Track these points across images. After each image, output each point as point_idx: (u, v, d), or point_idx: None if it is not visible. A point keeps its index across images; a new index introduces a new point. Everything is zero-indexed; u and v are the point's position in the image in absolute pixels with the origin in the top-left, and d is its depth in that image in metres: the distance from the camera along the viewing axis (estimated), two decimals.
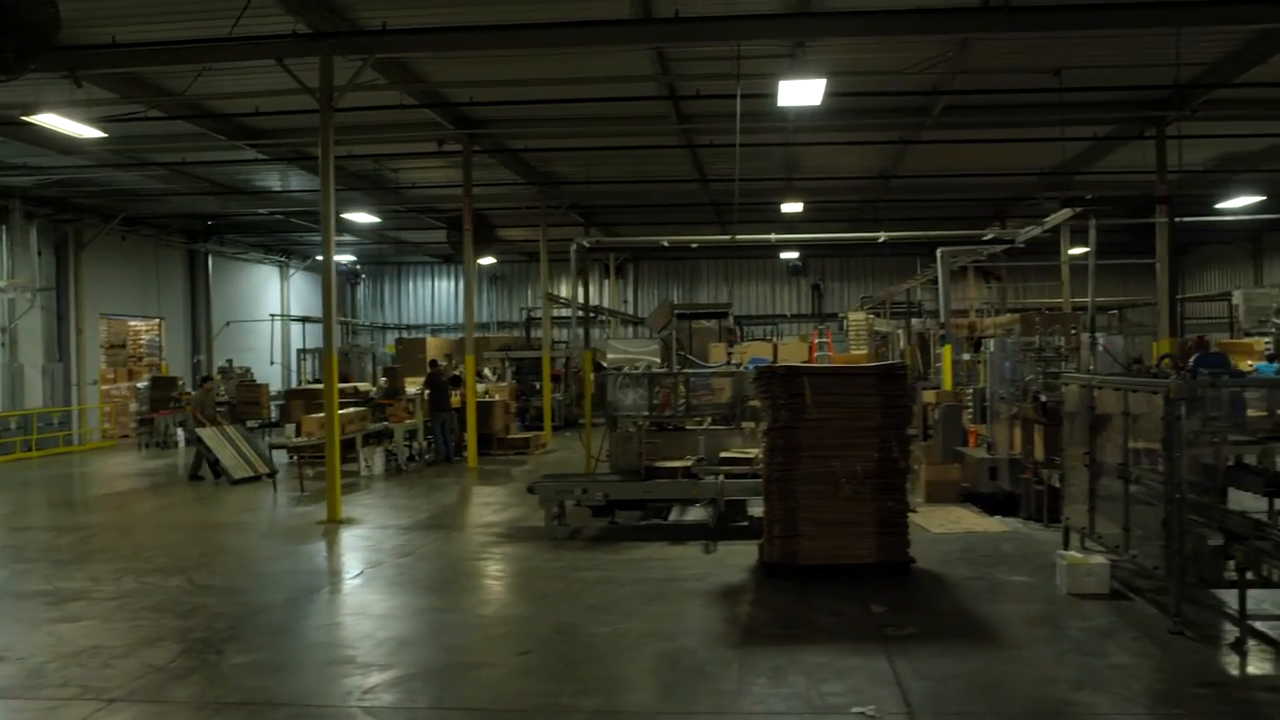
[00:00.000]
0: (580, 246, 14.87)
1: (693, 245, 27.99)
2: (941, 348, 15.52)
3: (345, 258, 32.58)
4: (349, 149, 17.82)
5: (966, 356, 15.62)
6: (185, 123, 15.67)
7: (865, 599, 7.57)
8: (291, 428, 18.83)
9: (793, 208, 21.54)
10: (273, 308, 31.57)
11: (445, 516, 12.20)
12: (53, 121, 12.87)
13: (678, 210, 24.53)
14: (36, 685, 5.96)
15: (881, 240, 18.34)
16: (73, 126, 13.14)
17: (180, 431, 21.64)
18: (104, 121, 13.89)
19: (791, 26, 11.68)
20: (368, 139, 17.15)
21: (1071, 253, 20.83)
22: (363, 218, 23.49)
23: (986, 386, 11.94)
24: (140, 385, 23.44)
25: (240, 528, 11.74)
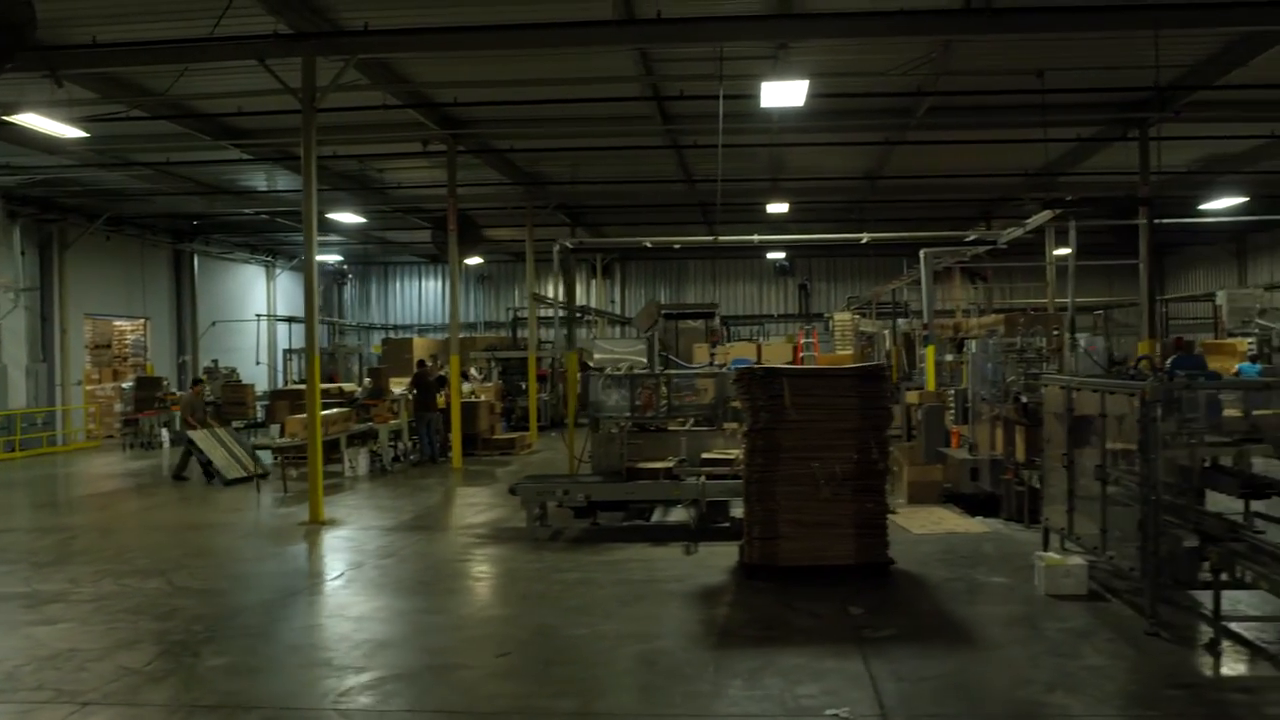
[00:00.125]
0: (564, 247, 14.84)
1: (675, 246, 27.96)
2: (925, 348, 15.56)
3: (331, 258, 32.51)
4: (333, 149, 17.81)
5: (950, 357, 15.66)
6: (168, 123, 15.62)
7: (844, 600, 7.59)
8: (276, 428, 18.80)
9: (778, 208, 21.57)
10: (258, 308, 31.45)
11: (428, 518, 12.18)
12: (34, 121, 12.83)
13: (664, 211, 24.54)
14: (10, 689, 5.93)
15: (865, 241, 18.38)
16: (54, 126, 13.11)
17: (165, 432, 21.59)
18: (86, 121, 13.85)
19: (774, 28, 11.68)
20: (352, 139, 17.13)
21: (1056, 253, 20.90)
22: (348, 218, 23.46)
23: (968, 387, 11.98)
24: (125, 386, 23.35)
25: (222, 529, 11.70)
